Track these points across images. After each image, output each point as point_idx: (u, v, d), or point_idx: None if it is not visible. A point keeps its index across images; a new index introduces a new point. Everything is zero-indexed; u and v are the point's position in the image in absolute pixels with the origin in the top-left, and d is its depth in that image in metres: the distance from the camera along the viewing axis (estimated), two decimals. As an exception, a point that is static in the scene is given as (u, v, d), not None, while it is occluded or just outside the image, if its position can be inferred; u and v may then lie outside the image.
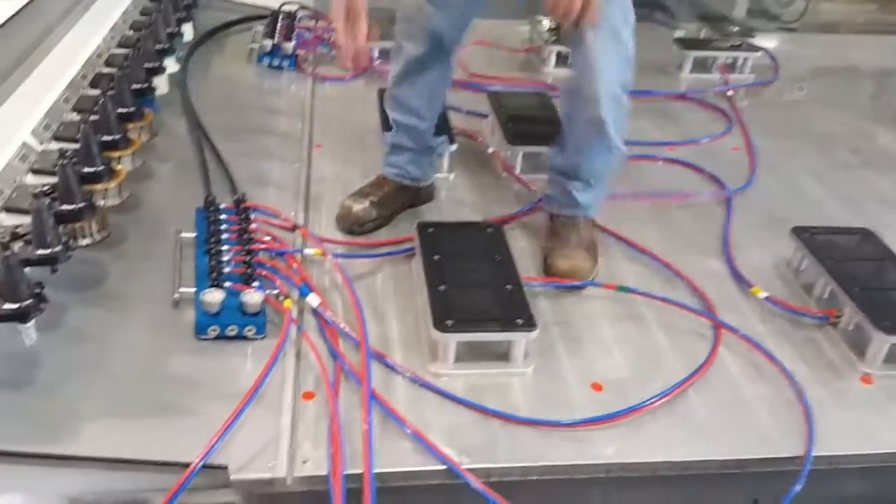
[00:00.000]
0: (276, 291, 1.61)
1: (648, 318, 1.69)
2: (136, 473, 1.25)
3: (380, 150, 2.03)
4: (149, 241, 1.78)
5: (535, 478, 1.34)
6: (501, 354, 1.53)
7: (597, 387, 1.50)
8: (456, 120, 2.35)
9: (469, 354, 1.52)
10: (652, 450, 1.38)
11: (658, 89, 2.83)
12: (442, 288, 1.57)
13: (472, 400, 1.43)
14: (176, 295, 1.59)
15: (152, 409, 1.36)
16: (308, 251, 1.76)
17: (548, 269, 1.78)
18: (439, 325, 1.48)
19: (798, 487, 1.33)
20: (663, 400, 1.47)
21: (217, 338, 1.52)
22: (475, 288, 1.59)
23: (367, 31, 1.53)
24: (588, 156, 1.79)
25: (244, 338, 1.52)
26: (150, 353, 1.48)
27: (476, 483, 1.28)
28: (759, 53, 3.07)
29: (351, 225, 1.90)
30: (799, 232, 1.86)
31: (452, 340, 1.48)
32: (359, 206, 1.90)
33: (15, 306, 1.20)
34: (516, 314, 1.51)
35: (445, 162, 2.17)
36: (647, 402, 1.45)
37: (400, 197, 1.97)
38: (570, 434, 1.39)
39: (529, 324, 1.49)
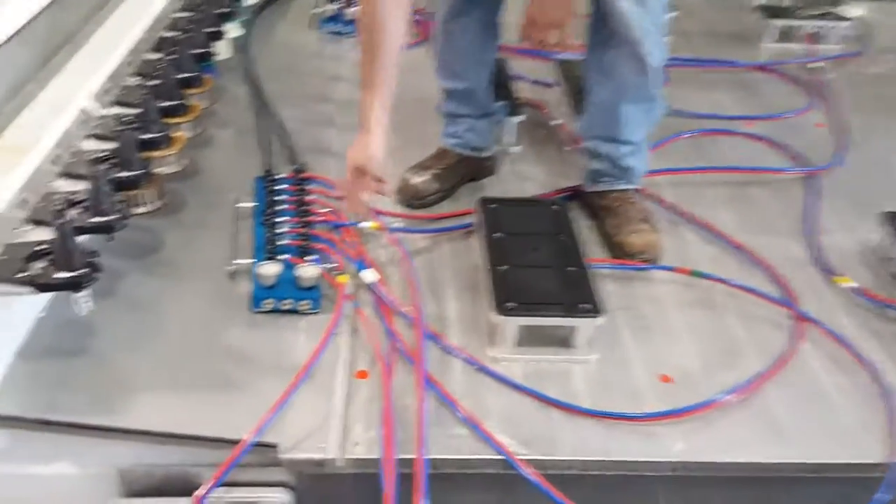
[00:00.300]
0: (332, 265, 1.56)
1: (723, 306, 1.59)
2: (187, 447, 1.23)
3: (441, 120, 1.96)
4: (207, 210, 1.76)
5: (595, 473, 1.27)
6: (564, 340, 1.45)
7: (665, 378, 1.42)
8: (521, 90, 2.25)
9: (530, 339, 1.45)
10: (723, 448, 1.29)
11: (738, 59, 2.67)
12: (503, 268, 1.50)
13: (532, 387, 1.37)
14: (231, 266, 1.57)
15: (205, 383, 1.34)
16: (365, 224, 1.71)
17: (618, 249, 1.69)
18: (499, 307, 1.41)
19: (884, 497, 1.23)
20: (737, 395, 1.37)
21: (272, 311, 1.48)
22: (538, 269, 1.51)
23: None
24: (634, 112, 1.69)
25: (298, 312, 1.49)
26: (204, 324, 1.46)
27: (532, 475, 1.22)
28: (846, 23, 2.87)
29: (410, 198, 1.84)
30: (890, 217, 1.72)
31: (513, 324, 1.41)
32: (419, 179, 1.84)
33: (68, 275, 1.18)
34: (581, 298, 1.43)
35: (510, 134, 2.09)
36: (720, 398, 1.36)
37: (461, 169, 1.90)
38: (636, 428, 1.32)
39: (595, 309, 1.41)
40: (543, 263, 1.53)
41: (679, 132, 2.18)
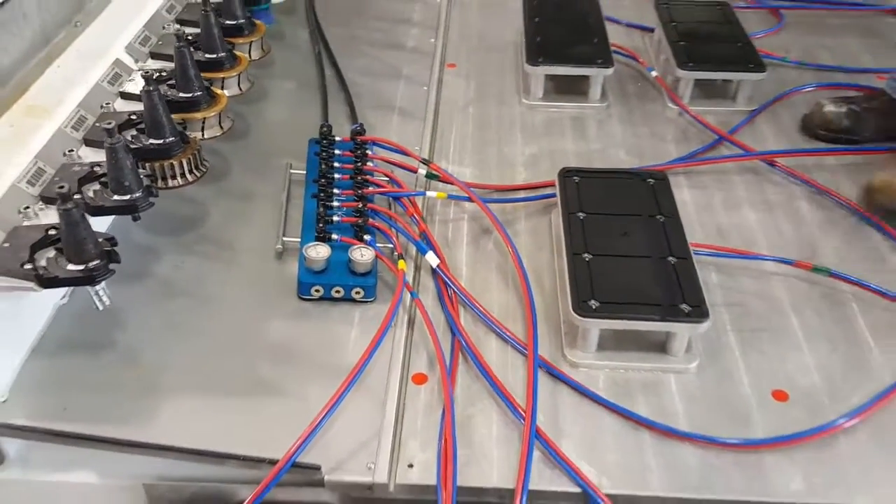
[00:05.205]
0: (391, 245, 1.38)
1: (854, 310, 1.33)
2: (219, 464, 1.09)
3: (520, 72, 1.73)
4: (255, 177, 1.58)
5: (694, 513, 1.06)
6: (657, 345, 1.23)
7: (779, 395, 1.19)
8: (614, 35, 1.97)
9: (616, 343, 1.23)
10: (850, 485, 1.06)
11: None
12: (586, 256, 1.28)
13: (618, 403, 1.16)
14: (278, 245, 1.39)
15: (242, 388, 1.17)
16: (430, 194, 1.50)
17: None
18: (580, 306, 1.19)
19: None
20: (866, 416, 1.14)
21: (321, 299, 1.31)
22: (629, 258, 1.28)
23: None
24: None
25: (352, 300, 1.31)
26: (245, 315, 1.29)
27: (619, 515, 1.02)
28: None
29: None
30: None
31: (595, 327, 1.20)
32: None
33: (78, 268, 1.02)
34: (681, 297, 1.20)
35: (597, 89, 1.84)
36: (845, 419, 1.13)
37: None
38: (742, 458, 1.10)
39: (698, 313, 1.18)
40: (635, 250, 1.30)
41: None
